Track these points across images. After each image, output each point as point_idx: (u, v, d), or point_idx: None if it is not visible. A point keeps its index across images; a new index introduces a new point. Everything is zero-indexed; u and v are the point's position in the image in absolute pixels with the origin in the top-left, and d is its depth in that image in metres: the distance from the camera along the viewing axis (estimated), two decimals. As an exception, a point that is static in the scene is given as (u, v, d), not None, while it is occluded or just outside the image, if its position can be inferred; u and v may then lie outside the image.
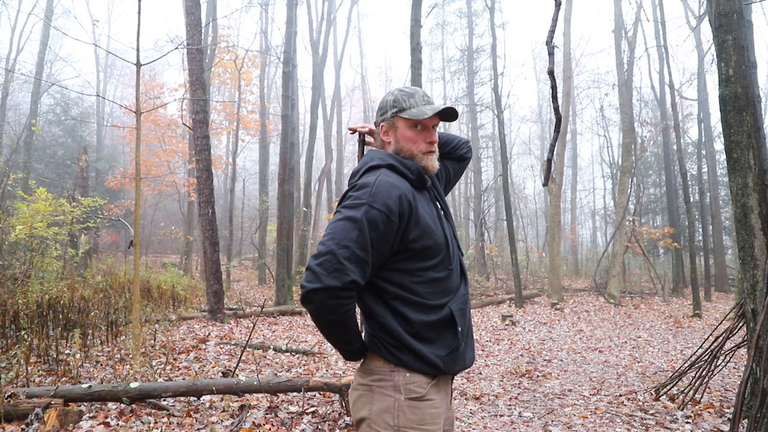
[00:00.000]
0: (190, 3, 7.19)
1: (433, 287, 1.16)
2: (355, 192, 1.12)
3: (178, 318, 6.99)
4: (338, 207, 1.14)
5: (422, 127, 1.24)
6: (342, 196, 1.16)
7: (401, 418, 1.10)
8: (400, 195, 1.12)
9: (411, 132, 1.23)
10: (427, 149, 1.24)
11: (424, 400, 1.13)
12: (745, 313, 3.17)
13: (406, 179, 1.19)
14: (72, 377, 3.72)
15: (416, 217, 1.14)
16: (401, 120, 1.24)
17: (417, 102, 1.23)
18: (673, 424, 3.23)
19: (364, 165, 1.22)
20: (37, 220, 6.62)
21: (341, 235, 1.06)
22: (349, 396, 1.21)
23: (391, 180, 1.15)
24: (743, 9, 3.28)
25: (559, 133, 3.08)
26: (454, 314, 1.16)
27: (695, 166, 15.88)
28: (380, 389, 1.13)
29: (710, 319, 8.95)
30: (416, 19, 7.45)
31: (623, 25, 12.89)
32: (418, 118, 1.21)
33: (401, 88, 1.27)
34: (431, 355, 1.13)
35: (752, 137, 3.11)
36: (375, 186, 1.12)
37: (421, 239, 1.14)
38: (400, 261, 1.14)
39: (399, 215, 1.11)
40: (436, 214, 1.23)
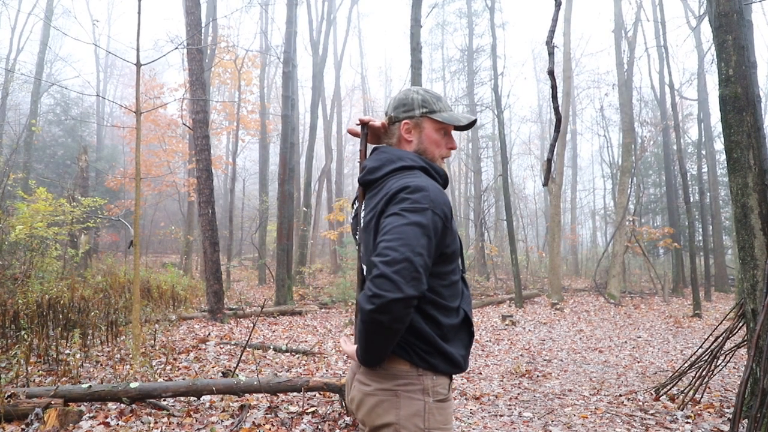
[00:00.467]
0: (190, 3, 7.19)
1: (452, 290, 1.17)
2: (413, 195, 1.07)
3: (178, 318, 6.99)
4: (393, 208, 1.07)
5: (446, 132, 1.25)
6: (390, 195, 1.10)
7: (431, 420, 1.11)
8: (446, 201, 1.13)
9: (437, 135, 1.23)
10: (446, 155, 1.26)
11: (447, 400, 1.16)
12: (745, 313, 3.17)
13: (437, 181, 1.20)
14: (72, 377, 3.72)
15: (452, 221, 1.16)
16: (430, 121, 1.22)
17: (445, 107, 1.24)
18: (673, 424, 3.23)
19: (395, 162, 1.18)
20: (37, 220, 6.62)
21: (414, 241, 1.01)
22: (361, 402, 1.16)
23: (434, 184, 1.14)
24: (743, 9, 3.28)
25: (559, 133, 3.08)
26: (468, 315, 1.19)
27: (695, 166, 15.89)
28: (407, 393, 1.11)
29: (710, 319, 8.95)
30: (416, 19, 7.45)
31: (623, 25, 12.89)
32: (453, 123, 1.21)
33: (426, 89, 1.26)
34: (457, 356, 1.15)
35: (752, 137, 3.11)
36: (431, 190, 1.09)
37: (452, 243, 1.15)
38: (435, 265, 1.12)
39: (449, 218, 1.13)
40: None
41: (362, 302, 1.01)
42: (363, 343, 1.07)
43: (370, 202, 1.18)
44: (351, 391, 1.21)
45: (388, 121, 1.27)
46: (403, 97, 1.25)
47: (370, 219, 1.15)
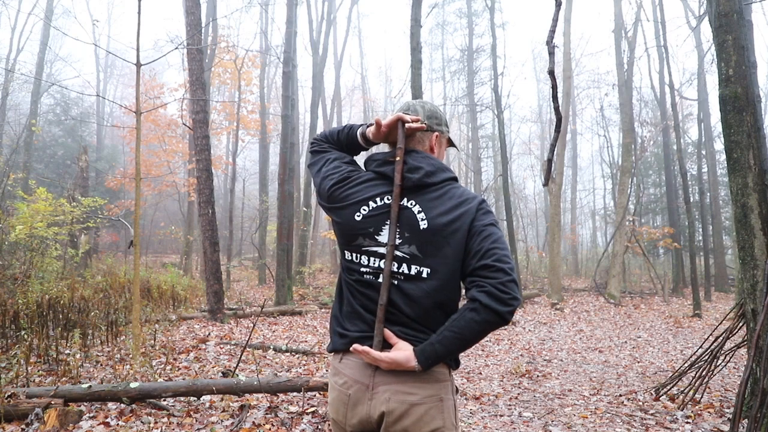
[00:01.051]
0: (190, 3, 7.19)
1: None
2: (490, 209, 1.21)
3: (178, 318, 6.99)
4: (486, 218, 1.15)
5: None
6: (477, 206, 1.17)
7: (457, 416, 1.20)
8: None
9: (444, 149, 1.37)
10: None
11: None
12: (745, 313, 3.17)
13: None
14: (72, 377, 3.72)
15: None
16: (447, 140, 1.35)
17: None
18: (673, 424, 3.23)
19: (446, 171, 1.24)
20: (37, 220, 6.62)
21: (508, 248, 1.14)
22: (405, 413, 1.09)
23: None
24: (743, 9, 3.28)
25: (559, 133, 3.09)
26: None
27: (695, 166, 15.89)
28: (447, 396, 1.15)
29: (710, 319, 8.95)
30: (416, 19, 7.45)
31: (623, 25, 12.90)
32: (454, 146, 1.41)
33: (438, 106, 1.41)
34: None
35: (752, 137, 3.11)
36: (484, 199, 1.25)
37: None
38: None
39: None
40: None
41: (494, 304, 1.03)
42: (465, 344, 1.08)
43: (433, 205, 1.16)
44: (378, 405, 1.11)
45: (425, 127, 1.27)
46: (434, 110, 1.32)
47: (447, 223, 1.13)
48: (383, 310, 1.12)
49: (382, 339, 1.11)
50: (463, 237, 1.12)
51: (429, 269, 1.12)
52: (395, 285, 1.14)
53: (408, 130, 1.23)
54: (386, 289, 1.12)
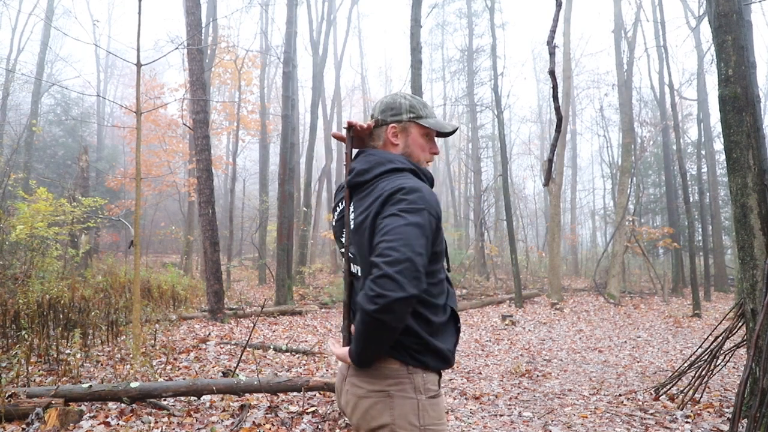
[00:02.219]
0: (191, 3, 7.19)
1: (439, 288, 1.19)
2: (409, 196, 1.09)
3: (179, 318, 6.99)
4: (391, 209, 1.08)
5: (429, 138, 1.31)
6: (386, 197, 1.10)
7: (426, 418, 1.13)
8: (438, 202, 1.17)
9: (422, 140, 1.29)
10: (430, 158, 1.32)
11: (439, 396, 1.19)
12: (745, 313, 3.18)
13: (424, 183, 1.23)
14: (72, 377, 3.73)
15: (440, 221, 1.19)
16: (416, 126, 1.27)
17: (430, 113, 1.30)
18: (672, 423, 3.24)
19: (385, 164, 1.19)
20: (38, 220, 6.62)
21: (414, 241, 1.03)
22: (355, 406, 1.16)
23: (426, 185, 1.18)
24: (743, 9, 3.29)
25: (560, 133, 3.09)
26: (454, 311, 1.22)
27: (695, 166, 15.88)
28: (400, 392, 1.13)
29: (710, 318, 8.95)
30: (416, 19, 7.46)
31: (623, 26, 12.91)
32: (438, 129, 1.28)
33: (412, 95, 1.31)
34: (447, 351, 1.18)
35: (752, 137, 3.12)
36: (425, 191, 1.12)
37: (441, 242, 1.18)
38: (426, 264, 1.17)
39: (440, 221, 1.16)
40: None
41: (364, 303, 1.01)
42: (362, 343, 1.07)
43: (360, 204, 1.17)
44: (343, 395, 1.22)
45: (374, 123, 1.28)
46: (391, 101, 1.28)
47: (362, 220, 1.14)
48: (346, 307, 1.21)
49: (348, 334, 1.19)
50: (370, 234, 1.11)
51: (359, 268, 1.17)
52: (352, 284, 1.22)
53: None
54: (347, 287, 1.21)
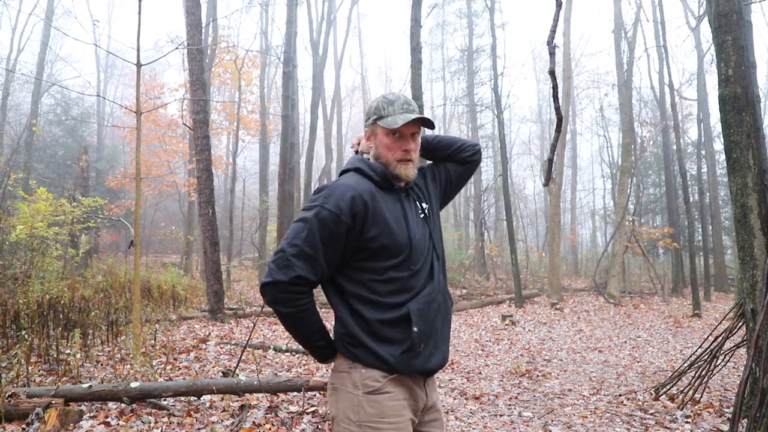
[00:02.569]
0: (191, 3, 7.19)
1: (392, 286, 1.19)
2: (314, 195, 1.21)
3: (179, 318, 6.99)
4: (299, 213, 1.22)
5: (399, 135, 1.26)
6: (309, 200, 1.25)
7: (361, 413, 1.15)
8: (353, 196, 1.17)
9: (388, 140, 1.26)
10: (402, 157, 1.26)
11: (381, 392, 1.16)
12: (745, 313, 3.18)
13: (371, 181, 1.25)
14: (72, 377, 3.73)
15: (374, 216, 1.19)
16: (379, 128, 1.27)
17: (395, 110, 1.25)
18: (672, 423, 3.24)
19: (347, 167, 1.31)
20: (38, 220, 6.62)
21: (292, 234, 1.16)
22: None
23: (350, 182, 1.21)
24: (743, 9, 3.29)
25: (560, 133, 3.09)
26: (411, 314, 1.18)
27: (695, 166, 15.88)
28: (342, 387, 1.19)
29: (710, 318, 8.95)
30: (416, 19, 7.46)
31: (623, 26, 12.91)
32: (390, 127, 1.24)
33: (385, 95, 1.29)
34: (384, 353, 1.16)
35: (752, 137, 3.12)
36: (331, 188, 1.19)
37: (379, 238, 1.18)
38: (360, 260, 1.19)
39: (351, 215, 1.16)
40: (403, 215, 1.25)
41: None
42: (292, 333, 1.23)
43: None
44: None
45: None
46: (368, 106, 1.34)
47: None
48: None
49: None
50: None
51: None
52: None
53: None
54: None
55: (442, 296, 1.26)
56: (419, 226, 1.28)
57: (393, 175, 1.26)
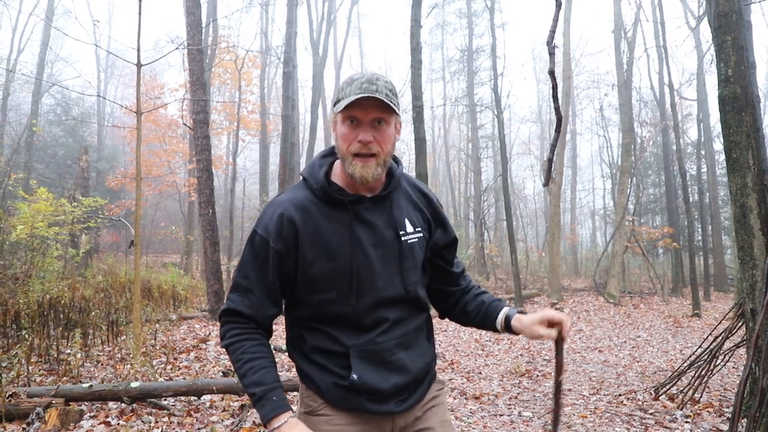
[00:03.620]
0: (191, 3, 7.20)
1: (333, 322, 1.04)
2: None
3: (179, 318, 7.00)
4: None
5: (357, 122, 1.00)
6: None
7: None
8: (281, 214, 1.02)
9: (345, 128, 1.01)
10: (358, 150, 0.99)
11: (317, 414, 1.05)
12: (744, 313, 3.18)
13: (311, 191, 1.05)
14: (73, 377, 3.73)
15: (305, 237, 1.01)
16: (338, 114, 1.02)
17: (352, 90, 0.98)
18: (672, 423, 3.24)
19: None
20: (38, 220, 6.62)
21: (241, 260, 1.07)
22: None
23: (286, 197, 1.06)
24: (742, 9, 3.29)
25: (559, 133, 3.10)
26: (351, 358, 1.02)
27: (695, 166, 15.89)
28: (298, 404, 1.13)
29: (709, 318, 8.96)
30: (416, 19, 7.46)
31: (623, 26, 12.92)
32: (338, 111, 1.00)
33: (351, 76, 1.03)
34: (317, 379, 1.05)
35: (751, 137, 3.12)
36: (266, 207, 1.07)
37: (312, 265, 1.02)
38: (301, 288, 1.05)
39: (278, 237, 1.01)
40: (350, 236, 1.02)
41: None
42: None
43: None
44: None
45: None
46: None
47: None
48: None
49: None
50: None
51: None
52: None
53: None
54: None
55: (402, 337, 1.06)
56: (379, 252, 1.04)
57: (348, 174, 1.01)
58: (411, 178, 1.20)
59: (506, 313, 1.12)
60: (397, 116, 1.04)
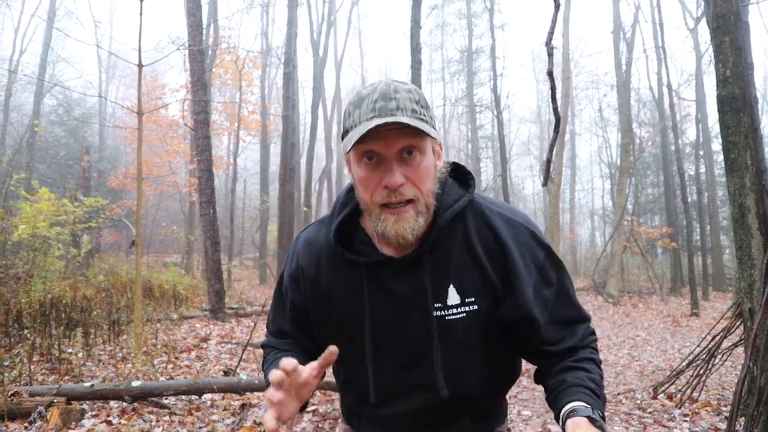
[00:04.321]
0: (192, 4, 7.22)
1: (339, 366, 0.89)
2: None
3: (180, 317, 7.01)
4: None
5: (376, 159, 0.73)
6: None
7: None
8: (297, 260, 0.88)
9: (362, 170, 0.75)
10: (385, 199, 0.74)
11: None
12: (742, 312, 3.20)
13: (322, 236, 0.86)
14: (74, 376, 3.75)
15: (312, 296, 0.85)
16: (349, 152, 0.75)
17: (362, 115, 0.72)
18: (670, 422, 3.26)
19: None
20: (40, 219, 6.63)
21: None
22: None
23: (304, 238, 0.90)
24: (740, 11, 3.31)
25: (558, 134, 3.12)
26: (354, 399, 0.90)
27: (693, 167, 15.92)
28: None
29: (708, 318, 8.97)
30: (416, 20, 7.49)
31: (622, 27, 12.95)
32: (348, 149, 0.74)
33: (359, 92, 0.77)
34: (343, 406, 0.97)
35: (749, 138, 3.14)
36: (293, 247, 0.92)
37: (323, 327, 0.86)
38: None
39: (298, 281, 0.87)
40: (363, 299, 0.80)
41: None
42: None
43: None
44: None
45: None
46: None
47: None
48: None
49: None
50: None
51: None
52: None
53: None
54: None
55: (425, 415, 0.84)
56: (399, 335, 0.80)
57: (379, 232, 0.76)
58: (489, 209, 0.82)
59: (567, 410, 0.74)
60: (434, 139, 0.76)
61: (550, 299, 0.81)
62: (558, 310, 0.81)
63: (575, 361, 0.80)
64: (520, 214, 0.85)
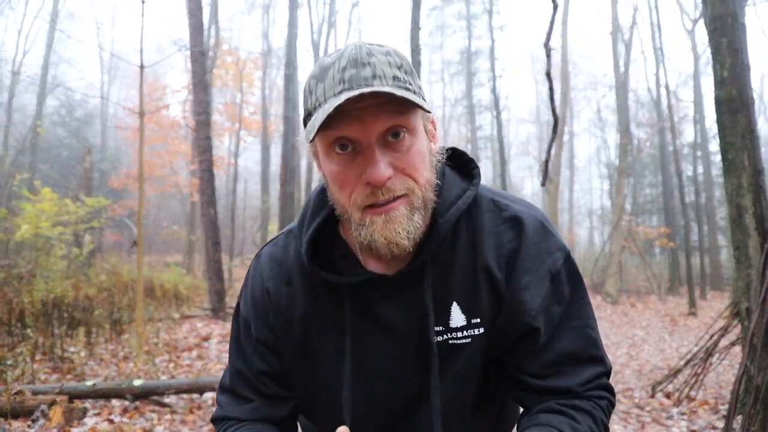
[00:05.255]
0: (193, 6, 7.25)
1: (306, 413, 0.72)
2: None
3: (181, 317, 7.03)
4: None
5: (354, 148, 0.57)
6: None
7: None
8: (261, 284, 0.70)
9: (334, 163, 0.58)
10: (369, 199, 0.57)
11: None
12: (740, 312, 3.23)
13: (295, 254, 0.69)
14: (76, 375, 3.77)
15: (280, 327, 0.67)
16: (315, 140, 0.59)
17: (326, 91, 0.56)
18: (668, 420, 3.29)
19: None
20: (42, 219, 6.66)
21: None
22: None
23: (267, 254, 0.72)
24: (738, 12, 3.34)
25: (556, 134, 3.15)
26: None
27: (691, 167, 15.97)
28: None
29: (705, 317, 8.99)
30: (415, 21, 7.52)
31: (620, 28, 13.00)
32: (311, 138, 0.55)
33: (321, 61, 0.59)
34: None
35: (746, 138, 3.16)
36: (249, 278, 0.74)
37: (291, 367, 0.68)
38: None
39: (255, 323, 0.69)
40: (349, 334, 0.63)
41: None
42: None
43: None
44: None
45: None
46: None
47: None
48: None
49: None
50: None
51: None
52: None
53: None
54: None
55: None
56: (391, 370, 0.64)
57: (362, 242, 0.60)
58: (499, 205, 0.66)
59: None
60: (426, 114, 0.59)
61: (556, 319, 0.62)
62: (562, 336, 0.62)
63: (564, 405, 0.61)
64: (536, 209, 0.67)
